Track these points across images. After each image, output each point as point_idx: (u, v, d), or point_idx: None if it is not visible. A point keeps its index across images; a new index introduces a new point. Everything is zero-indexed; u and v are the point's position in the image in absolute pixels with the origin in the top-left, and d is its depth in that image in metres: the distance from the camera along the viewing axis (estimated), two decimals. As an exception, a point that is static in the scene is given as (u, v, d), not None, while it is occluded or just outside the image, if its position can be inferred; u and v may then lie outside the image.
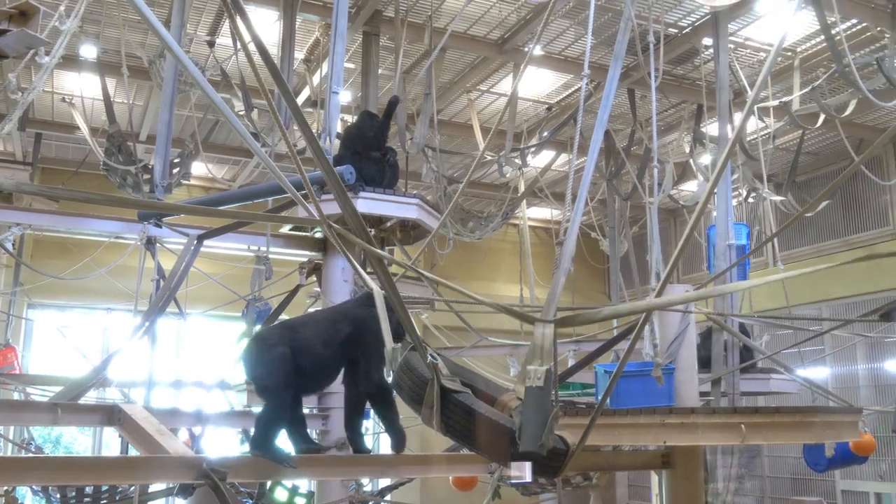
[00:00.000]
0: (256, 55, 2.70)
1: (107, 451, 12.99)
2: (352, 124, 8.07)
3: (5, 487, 7.19)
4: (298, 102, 6.52)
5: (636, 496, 15.31)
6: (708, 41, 9.73)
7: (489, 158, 11.60)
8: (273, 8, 9.37)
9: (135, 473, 3.58)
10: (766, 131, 10.55)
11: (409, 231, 8.14)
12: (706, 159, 10.83)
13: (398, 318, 3.29)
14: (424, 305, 8.74)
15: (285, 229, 8.05)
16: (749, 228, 9.82)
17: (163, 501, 6.99)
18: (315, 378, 3.81)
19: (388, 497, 8.85)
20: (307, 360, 3.65)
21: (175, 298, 6.68)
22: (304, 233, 7.76)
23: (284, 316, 8.24)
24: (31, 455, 7.78)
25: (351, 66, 10.50)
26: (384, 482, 8.90)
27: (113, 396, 7.91)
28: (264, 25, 9.58)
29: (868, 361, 12.79)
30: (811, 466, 9.49)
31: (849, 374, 13.08)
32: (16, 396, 8.66)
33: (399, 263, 4.43)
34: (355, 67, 10.49)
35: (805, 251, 14.06)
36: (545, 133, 11.93)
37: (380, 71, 10.06)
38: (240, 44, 9.08)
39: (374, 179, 7.14)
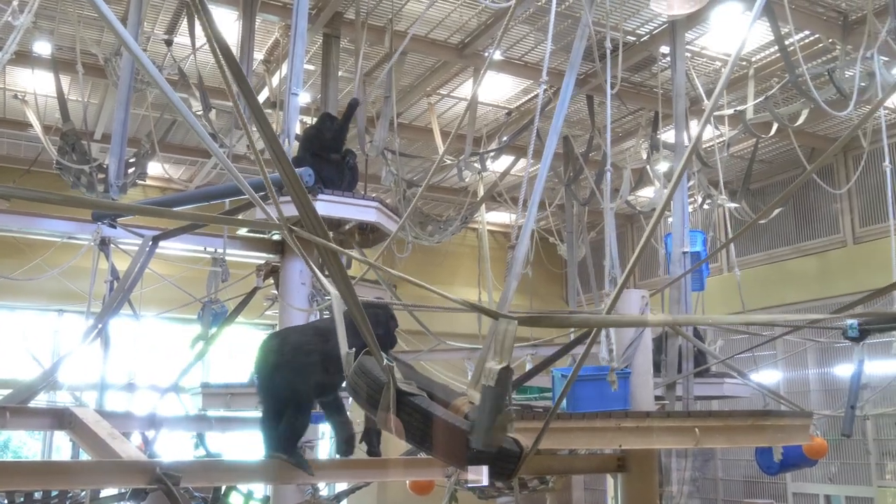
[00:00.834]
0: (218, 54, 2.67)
1: (57, 456, 12.75)
2: (311, 126, 8.04)
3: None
4: (257, 103, 6.47)
5: (592, 499, 15.47)
6: (665, 49, 9.86)
7: (449, 162, 11.61)
8: (232, 8, 9.30)
9: (86, 478, 3.52)
10: (721, 139, 10.70)
11: (368, 234, 8.11)
12: (663, 166, 10.96)
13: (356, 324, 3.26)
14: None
15: (242, 231, 7.98)
16: (705, 235, 9.97)
17: (114, 507, 6.87)
18: (332, 385, 3.79)
19: (345, 501, 8.80)
20: (332, 368, 3.60)
21: (129, 300, 6.59)
22: (262, 235, 7.70)
23: (241, 319, 8.18)
24: (-21, 460, 7.61)
25: (311, 68, 10.46)
26: (341, 486, 8.85)
27: (64, 400, 7.78)
28: (224, 25, 9.49)
29: (819, 366, 13.04)
30: (763, 469, 9.63)
31: (800, 379, 13.33)
32: (-37, 399, 8.47)
33: (361, 260, 4.38)
34: (315, 69, 10.45)
35: (758, 257, 14.31)
36: (504, 138, 11.99)
37: (340, 73, 10.01)
38: (201, 43, 9.01)
39: (333, 182, 7.12)
